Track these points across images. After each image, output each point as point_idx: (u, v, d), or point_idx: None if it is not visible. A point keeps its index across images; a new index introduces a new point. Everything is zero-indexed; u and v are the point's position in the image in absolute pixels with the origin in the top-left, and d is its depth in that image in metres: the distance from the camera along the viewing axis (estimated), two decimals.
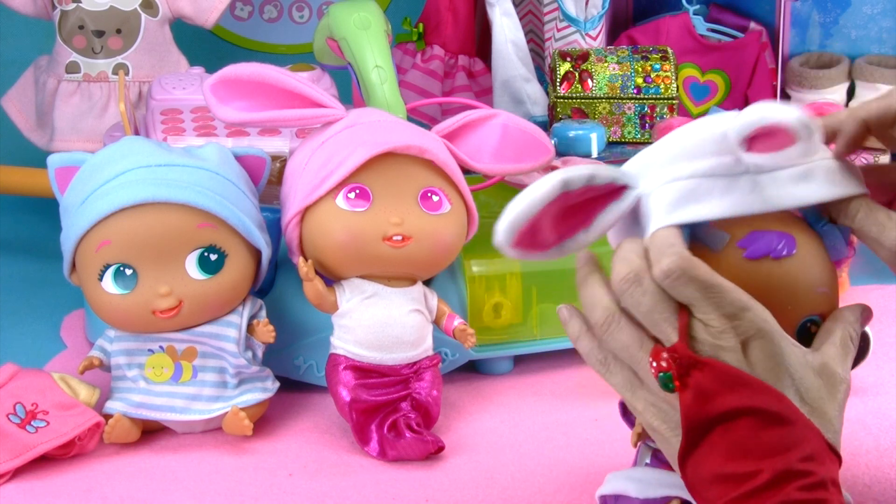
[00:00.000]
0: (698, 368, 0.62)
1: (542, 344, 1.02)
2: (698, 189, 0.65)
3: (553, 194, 0.63)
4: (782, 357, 0.63)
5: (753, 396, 0.62)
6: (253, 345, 0.91)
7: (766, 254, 0.65)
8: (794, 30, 1.42)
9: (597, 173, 0.64)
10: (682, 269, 0.62)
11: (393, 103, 1.03)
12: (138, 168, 0.87)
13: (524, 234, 0.64)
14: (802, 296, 0.66)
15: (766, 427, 0.61)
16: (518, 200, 0.63)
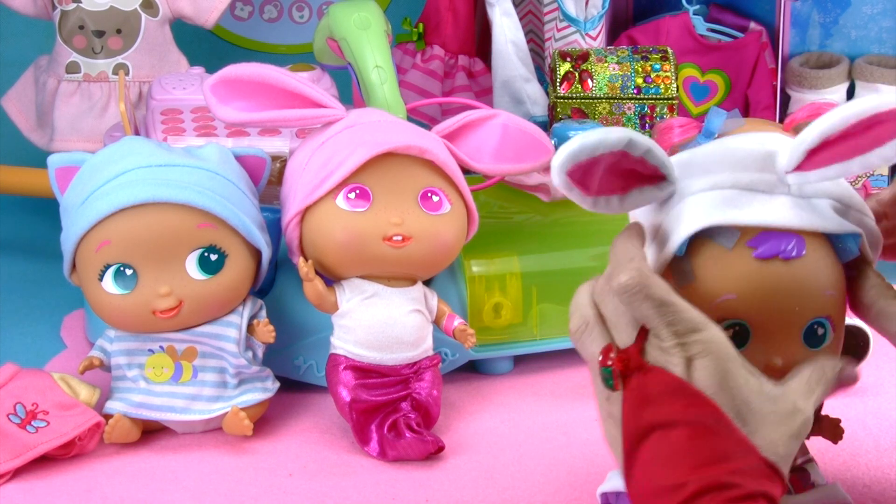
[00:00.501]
0: (642, 373, 0.64)
1: (542, 344, 1.02)
2: (737, 199, 0.66)
3: (618, 145, 0.64)
4: (726, 379, 0.64)
5: (690, 407, 0.63)
6: (253, 345, 0.91)
7: (776, 254, 0.66)
8: (794, 30, 1.42)
9: (653, 150, 0.66)
10: (636, 285, 0.64)
11: (393, 103, 1.03)
12: (138, 168, 0.87)
13: (579, 168, 0.64)
14: (810, 298, 0.67)
15: (699, 438, 0.62)
16: (587, 136, 0.64)
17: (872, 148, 0.66)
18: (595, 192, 0.66)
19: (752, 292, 0.66)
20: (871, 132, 0.66)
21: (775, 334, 0.67)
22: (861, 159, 0.66)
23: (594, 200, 0.66)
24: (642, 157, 0.66)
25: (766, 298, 0.66)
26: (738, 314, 0.67)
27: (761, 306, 0.66)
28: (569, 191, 0.65)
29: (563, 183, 0.65)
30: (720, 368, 0.64)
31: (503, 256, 1.01)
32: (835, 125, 0.66)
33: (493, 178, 1.06)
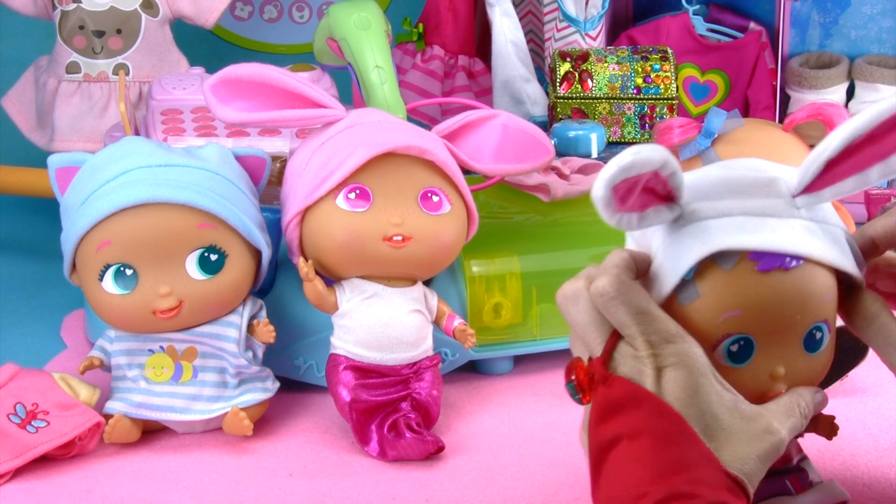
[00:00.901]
0: (606, 384, 0.64)
1: (542, 344, 1.02)
2: (747, 224, 0.66)
3: (659, 164, 0.64)
4: (696, 392, 0.64)
5: (653, 417, 0.63)
6: (253, 345, 0.91)
7: (777, 265, 0.66)
8: (793, 30, 1.42)
9: (679, 171, 0.65)
10: (616, 290, 0.65)
11: (393, 103, 1.03)
12: (138, 168, 0.87)
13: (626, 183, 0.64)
14: (810, 304, 0.67)
15: (662, 447, 0.62)
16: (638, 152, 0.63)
17: (889, 155, 0.66)
18: (624, 209, 0.65)
19: (756, 306, 0.66)
20: (890, 136, 0.66)
21: (778, 343, 0.68)
22: (880, 167, 0.66)
23: (619, 217, 0.65)
24: (666, 178, 0.65)
25: (770, 310, 0.66)
26: (742, 329, 0.67)
27: (766, 318, 0.67)
28: (606, 205, 0.64)
29: (606, 197, 0.63)
30: (692, 382, 0.65)
31: (503, 256, 1.01)
32: (857, 130, 0.66)
33: (493, 178, 1.06)
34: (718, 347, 0.67)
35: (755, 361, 0.68)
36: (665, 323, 0.65)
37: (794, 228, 0.67)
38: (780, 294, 0.66)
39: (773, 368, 0.68)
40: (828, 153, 0.66)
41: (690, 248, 0.66)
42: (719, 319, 0.66)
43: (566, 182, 1.07)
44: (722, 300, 0.66)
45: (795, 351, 0.68)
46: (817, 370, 0.70)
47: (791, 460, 0.72)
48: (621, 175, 0.63)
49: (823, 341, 0.69)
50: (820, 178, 0.67)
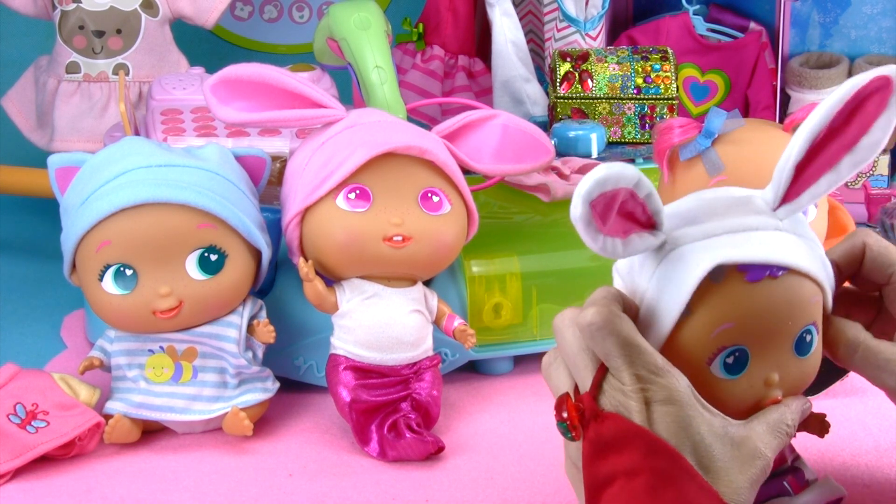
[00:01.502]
0: (598, 421, 0.63)
1: (542, 344, 1.02)
2: (733, 240, 0.66)
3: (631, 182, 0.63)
4: (688, 425, 0.64)
5: (649, 455, 0.62)
6: (253, 345, 0.91)
7: (766, 275, 0.66)
8: (793, 30, 1.42)
9: (655, 194, 0.65)
10: (603, 322, 0.64)
11: (393, 103, 1.03)
12: (138, 168, 0.87)
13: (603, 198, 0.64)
14: (800, 309, 0.67)
15: (660, 486, 0.62)
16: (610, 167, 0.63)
17: (858, 140, 0.66)
18: (606, 233, 0.65)
19: (749, 317, 0.66)
20: (853, 123, 0.66)
21: (771, 351, 0.68)
22: (849, 158, 0.66)
23: (603, 241, 0.65)
24: (644, 201, 0.65)
25: (762, 319, 0.66)
26: (737, 340, 0.67)
27: (758, 328, 0.67)
28: (587, 224, 0.64)
29: (585, 214, 0.63)
30: (682, 415, 0.64)
31: (503, 256, 1.01)
32: (816, 125, 0.66)
33: (493, 179, 1.06)
34: (714, 361, 0.67)
35: (750, 371, 0.68)
36: (652, 356, 0.65)
37: (777, 239, 0.67)
38: (770, 302, 0.66)
39: (768, 375, 0.68)
40: (794, 158, 0.66)
41: (686, 273, 0.66)
42: (713, 334, 0.66)
43: (566, 182, 1.06)
44: (714, 315, 0.66)
45: (787, 356, 0.68)
46: (808, 372, 0.70)
47: (786, 461, 0.73)
48: (597, 189, 0.62)
49: (813, 344, 0.69)
50: (794, 185, 0.67)
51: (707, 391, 0.67)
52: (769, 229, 0.67)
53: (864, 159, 0.66)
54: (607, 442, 0.63)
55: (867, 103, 0.65)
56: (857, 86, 0.65)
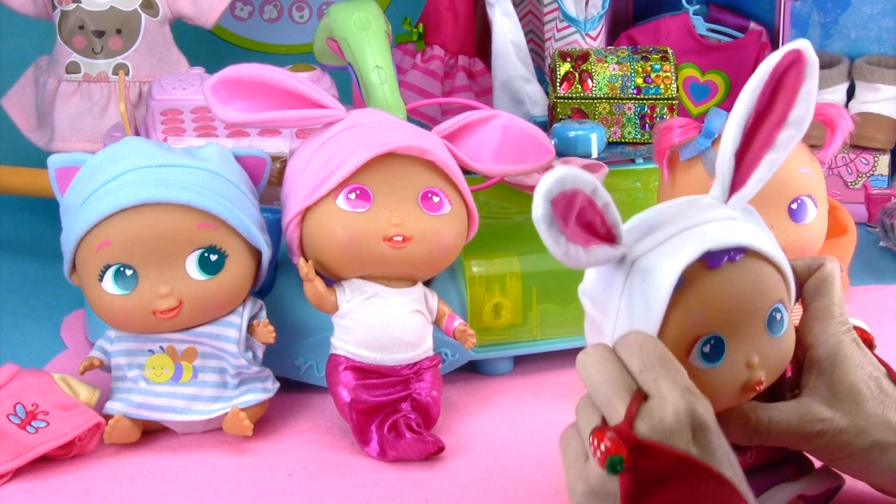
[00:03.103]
0: (642, 452, 0.62)
1: (542, 344, 1.02)
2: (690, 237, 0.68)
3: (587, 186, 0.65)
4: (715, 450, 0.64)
5: (697, 484, 0.62)
6: (253, 345, 0.91)
7: (725, 259, 0.67)
8: (794, 30, 1.42)
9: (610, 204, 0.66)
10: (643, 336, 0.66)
11: (393, 104, 1.03)
12: (138, 168, 0.87)
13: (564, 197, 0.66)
14: (764, 288, 0.69)
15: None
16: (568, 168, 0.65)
17: (785, 117, 0.67)
18: (568, 236, 0.66)
19: (717, 304, 0.67)
20: (777, 102, 0.67)
21: (745, 333, 0.69)
22: (782, 134, 0.68)
23: (566, 246, 0.67)
24: (602, 210, 0.66)
25: (730, 304, 0.67)
26: (710, 328, 0.68)
27: (728, 313, 0.68)
28: (549, 224, 0.66)
29: (547, 214, 0.65)
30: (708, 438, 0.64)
31: (503, 256, 1.01)
32: (742, 112, 0.67)
33: (493, 179, 1.06)
34: (692, 352, 0.68)
35: (729, 356, 0.69)
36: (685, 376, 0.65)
37: (731, 226, 0.68)
38: (735, 286, 0.68)
39: (748, 358, 0.69)
40: (730, 148, 0.68)
41: (657, 285, 0.67)
42: (686, 325, 0.67)
43: None
44: (683, 307, 0.67)
45: (762, 337, 0.69)
46: (785, 350, 0.71)
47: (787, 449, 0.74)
48: (557, 188, 0.64)
49: (784, 322, 0.70)
50: (737, 174, 0.69)
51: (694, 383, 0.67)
52: (722, 219, 0.69)
53: (796, 133, 0.68)
54: (653, 473, 0.62)
55: (785, 79, 0.67)
56: (772, 64, 0.67)
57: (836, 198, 1.25)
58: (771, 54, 0.68)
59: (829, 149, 0.95)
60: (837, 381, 0.71)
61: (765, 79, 0.67)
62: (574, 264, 0.68)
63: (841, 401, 0.71)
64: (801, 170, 0.92)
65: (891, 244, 1.27)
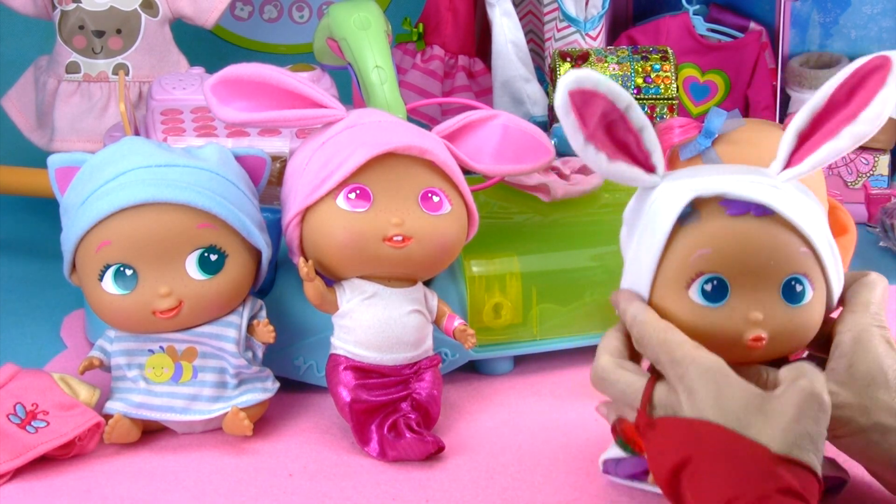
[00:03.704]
0: (651, 428, 0.69)
1: (542, 344, 1.02)
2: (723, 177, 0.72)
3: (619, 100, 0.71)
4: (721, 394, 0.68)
5: (698, 440, 0.67)
6: (253, 345, 0.91)
7: (747, 210, 0.70)
8: (793, 30, 1.42)
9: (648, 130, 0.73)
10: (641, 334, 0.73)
11: (393, 103, 1.03)
12: (138, 168, 0.87)
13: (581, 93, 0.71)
14: (783, 252, 0.71)
15: (717, 463, 0.66)
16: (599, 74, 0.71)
17: (857, 114, 0.71)
18: (589, 135, 0.71)
19: (725, 245, 0.70)
20: (854, 98, 0.71)
21: (753, 288, 0.71)
22: (849, 129, 0.71)
23: (585, 143, 0.71)
24: (638, 133, 0.72)
25: (738, 251, 0.70)
26: (713, 268, 0.70)
27: (735, 259, 0.70)
28: (566, 115, 0.70)
29: (564, 104, 0.70)
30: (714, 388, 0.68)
31: (503, 256, 1.01)
32: (819, 99, 0.71)
33: (493, 179, 1.06)
34: (692, 286, 0.71)
35: (730, 304, 0.71)
36: (685, 346, 0.70)
37: (768, 188, 0.71)
38: (749, 237, 0.70)
39: (749, 313, 0.71)
40: (797, 126, 0.72)
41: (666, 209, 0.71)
42: (691, 258, 0.70)
43: (566, 182, 1.07)
44: (693, 240, 0.71)
45: (773, 299, 0.71)
46: (801, 324, 0.72)
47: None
48: (575, 83, 0.70)
49: (805, 295, 0.72)
50: (796, 152, 0.72)
51: (688, 317, 0.71)
52: (762, 182, 0.72)
53: (864, 131, 0.71)
54: (663, 444, 0.68)
55: (868, 80, 0.71)
56: (859, 64, 0.71)
57: (836, 198, 1.25)
58: (862, 57, 0.71)
59: None
60: (856, 363, 0.73)
61: (848, 75, 0.71)
62: (595, 167, 0.72)
63: (855, 381, 0.72)
64: None
65: (891, 244, 1.27)
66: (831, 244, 0.73)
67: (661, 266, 0.72)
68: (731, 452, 0.66)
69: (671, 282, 0.72)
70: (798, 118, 0.72)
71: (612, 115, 0.71)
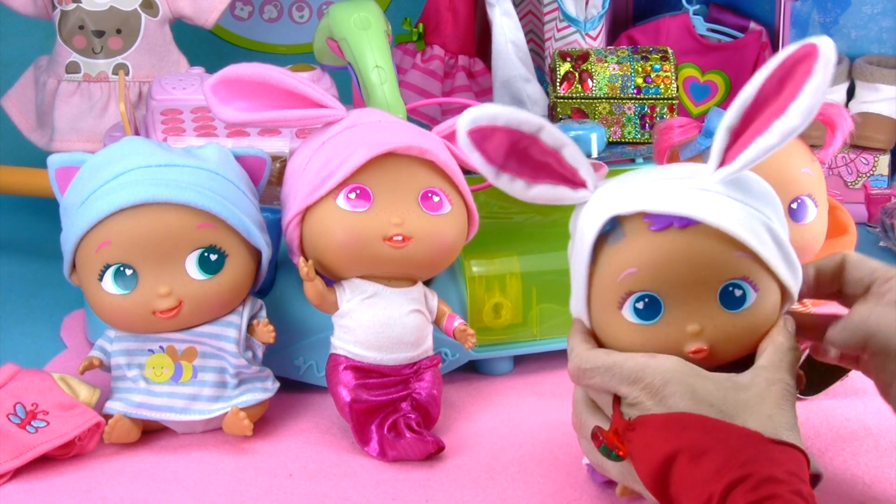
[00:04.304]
0: (631, 429, 0.69)
1: (542, 344, 1.02)
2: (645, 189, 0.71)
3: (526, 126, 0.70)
4: (696, 390, 0.68)
5: (679, 433, 0.66)
6: (253, 345, 0.91)
7: (670, 224, 0.68)
8: (794, 30, 1.42)
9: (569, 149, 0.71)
10: (579, 367, 0.72)
11: (393, 103, 1.03)
12: (138, 168, 0.87)
13: (478, 131, 0.70)
14: (718, 260, 0.69)
15: (703, 452, 0.65)
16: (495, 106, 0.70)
17: (786, 106, 0.67)
18: (500, 166, 0.71)
19: (651, 263, 0.69)
20: (783, 91, 0.68)
21: (688, 301, 0.70)
22: (777, 124, 0.67)
23: (497, 174, 0.71)
24: (555, 151, 0.70)
25: (665, 268, 0.69)
26: (642, 286, 0.69)
27: (663, 275, 0.69)
28: (470, 153, 0.70)
29: (465, 142, 0.70)
30: (685, 386, 0.68)
31: (503, 256, 1.01)
32: (748, 92, 0.68)
33: None
34: (624, 306, 0.70)
35: (666, 318, 0.70)
36: (631, 360, 0.70)
37: (694, 195, 0.69)
38: (676, 251, 0.69)
39: (685, 326, 0.70)
40: (728, 122, 0.69)
41: (586, 229, 0.71)
42: (618, 279, 0.69)
43: None
44: (619, 260, 0.69)
45: (711, 307, 0.70)
46: (746, 327, 0.71)
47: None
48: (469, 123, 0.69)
49: (747, 298, 0.70)
50: (729, 150, 0.70)
51: (626, 336, 0.71)
52: (693, 188, 0.69)
53: (793, 125, 0.67)
54: (645, 442, 0.68)
55: (796, 71, 0.67)
56: (785, 55, 0.68)
57: (836, 198, 1.25)
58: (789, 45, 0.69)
59: (829, 148, 0.95)
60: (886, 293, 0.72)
61: (775, 66, 0.68)
62: (514, 195, 0.72)
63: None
64: (802, 169, 0.92)
65: (891, 244, 1.27)
66: (777, 240, 0.70)
67: (592, 287, 0.71)
68: (722, 438, 0.65)
69: (604, 302, 0.71)
70: (729, 114, 0.69)
71: (523, 143, 0.70)
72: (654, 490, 0.68)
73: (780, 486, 0.62)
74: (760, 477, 0.63)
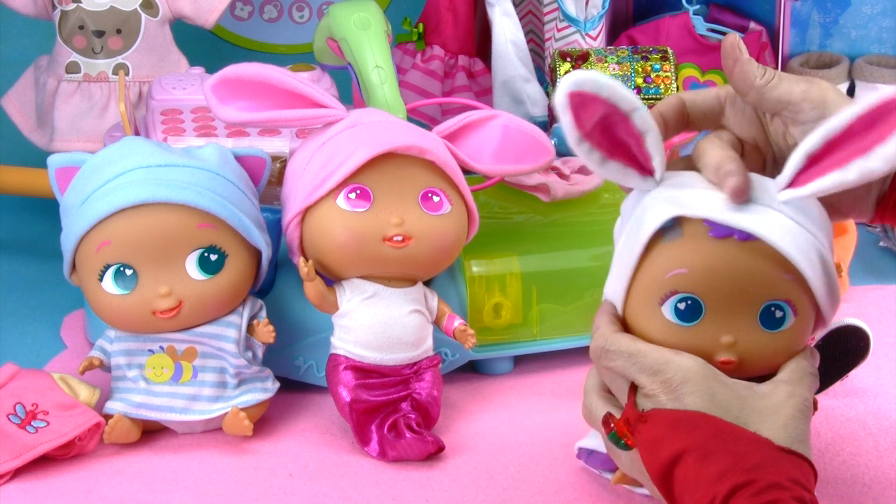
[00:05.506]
0: (643, 421, 0.69)
1: (542, 344, 1.02)
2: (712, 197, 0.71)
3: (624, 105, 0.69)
4: (714, 394, 0.68)
5: (690, 432, 0.67)
6: (253, 345, 0.91)
7: (731, 234, 0.69)
8: (794, 30, 1.42)
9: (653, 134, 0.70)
10: (603, 347, 0.72)
11: (393, 103, 1.03)
12: (138, 168, 0.87)
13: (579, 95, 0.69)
14: (765, 279, 0.69)
15: (712, 454, 0.65)
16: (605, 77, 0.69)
17: (871, 147, 0.66)
18: (585, 134, 0.69)
19: (702, 268, 0.69)
20: (872, 131, 0.66)
21: (729, 312, 0.70)
22: (859, 163, 0.66)
23: (580, 140, 0.70)
24: (640, 135, 0.70)
25: (717, 275, 0.69)
26: (689, 288, 0.70)
27: (712, 282, 0.69)
28: (563, 113, 0.69)
29: (563, 102, 0.68)
30: (703, 388, 0.68)
31: (503, 256, 1.01)
32: (836, 124, 0.67)
33: (493, 179, 1.06)
34: (666, 303, 0.70)
35: (703, 325, 0.70)
36: (656, 352, 0.70)
37: (760, 212, 0.69)
38: (729, 261, 0.69)
39: (719, 336, 0.70)
40: (808, 148, 0.68)
41: (646, 222, 0.70)
42: (667, 275, 0.70)
43: (566, 182, 1.07)
44: (671, 257, 0.70)
45: (749, 324, 0.70)
46: (778, 349, 0.71)
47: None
48: (575, 85, 0.68)
49: (786, 321, 0.70)
50: (802, 174, 0.69)
51: (659, 333, 0.71)
52: (759, 203, 0.70)
53: (875, 168, 0.66)
54: (655, 436, 0.68)
55: (890, 116, 0.66)
56: (885, 97, 0.66)
57: None
58: (891, 87, 0.67)
59: None
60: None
61: (871, 106, 0.66)
62: (588, 164, 0.71)
63: None
64: None
65: (891, 244, 1.27)
66: (826, 269, 0.70)
67: (637, 276, 0.71)
68: (731, 442, 0.66)
69: (646, 295, 0.71)
70: (811, 139, 0.68)
71: (614, 118, 0.69)
72: (658, 484, 0.68)
73: (783, 493, 0.63)
74: (764, 483, 0.63)
